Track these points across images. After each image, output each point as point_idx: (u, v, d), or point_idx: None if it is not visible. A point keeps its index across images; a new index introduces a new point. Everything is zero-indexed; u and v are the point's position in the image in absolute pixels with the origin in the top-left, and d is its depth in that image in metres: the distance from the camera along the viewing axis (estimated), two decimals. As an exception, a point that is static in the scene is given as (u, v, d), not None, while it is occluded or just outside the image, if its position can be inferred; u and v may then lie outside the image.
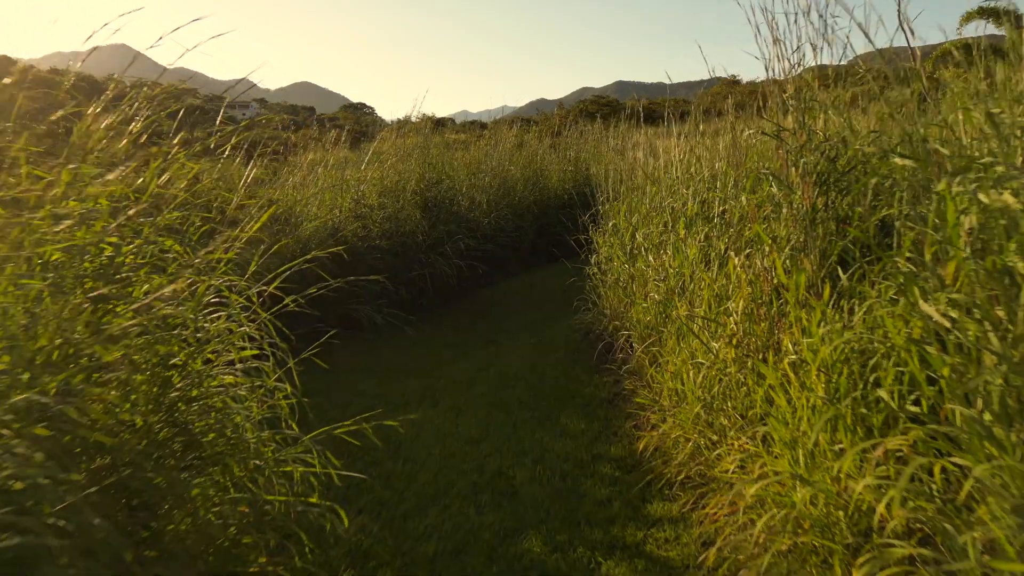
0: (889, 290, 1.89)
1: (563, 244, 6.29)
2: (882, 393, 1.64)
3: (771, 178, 2.29)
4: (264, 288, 2.27)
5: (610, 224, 5.33)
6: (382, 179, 6.78)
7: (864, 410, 1.66)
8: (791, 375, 2.07)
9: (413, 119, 9.33)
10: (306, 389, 3.78)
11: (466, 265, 6.76)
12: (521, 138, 10.59)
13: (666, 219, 4.16)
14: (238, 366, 2.11)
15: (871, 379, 1.78)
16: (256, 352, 2.21)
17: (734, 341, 2.46)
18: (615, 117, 11.53)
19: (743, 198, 2.71)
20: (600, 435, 3.52)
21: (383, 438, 3.62)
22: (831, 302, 2.02)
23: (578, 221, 5.92)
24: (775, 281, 2.50)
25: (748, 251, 2.61)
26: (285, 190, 6.48)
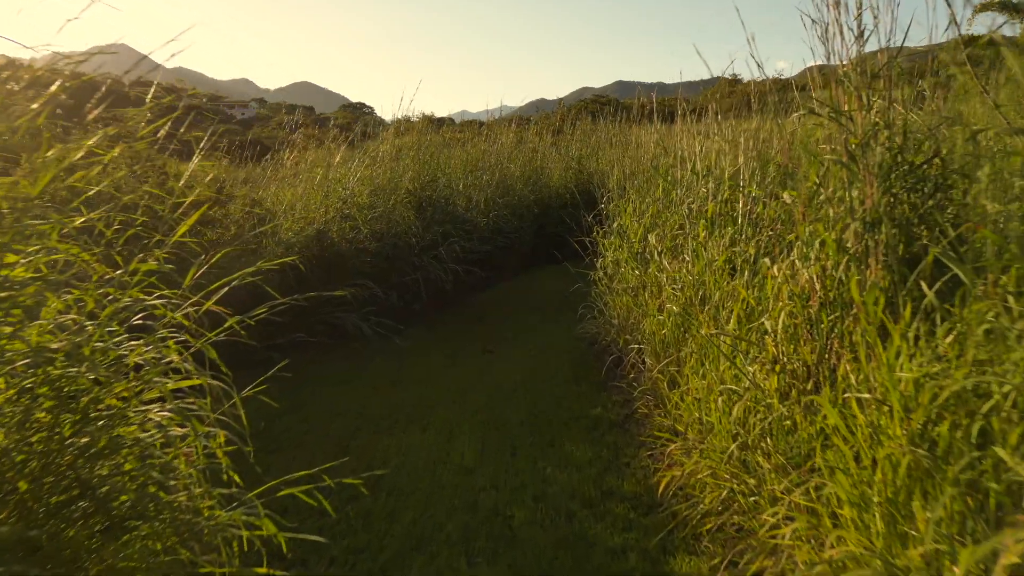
0: (989, 312, 1.47)
1: (565, 245, 5.86)
2: (1002, 454, 1.23)
3: (840, 166, 1.87)
4: (211, 304, 1.86)
5: (615, 225, 4.91)
6: (372, 177, 6.35)
7: (993, 485, 1.24)
8: (858, 415, 1.65)
9: (413, 119, 8.93)
10: (281, 407, 3.31)
11: (462, 269, 6.34)
12: (520, 135, 10.18)
13: (682, 220, 3.73)
14: (169, 405, 1.69)
15: (974, 431, 1.37)
16: (197, 382, 1.80)
17: (777, 368, 2.04)
18: (618, 115, 11.11)
19: (785, 195, 2.29)
20: (610, 466, 3.09)
21: (365, 466, 3.22)
22: (911, 325, 1.60)
23: (581, 221, 5.50)
24: (824, 295, 2.08)
25: (790, 257, 2.19)
26: (268, 189, 6.08)
